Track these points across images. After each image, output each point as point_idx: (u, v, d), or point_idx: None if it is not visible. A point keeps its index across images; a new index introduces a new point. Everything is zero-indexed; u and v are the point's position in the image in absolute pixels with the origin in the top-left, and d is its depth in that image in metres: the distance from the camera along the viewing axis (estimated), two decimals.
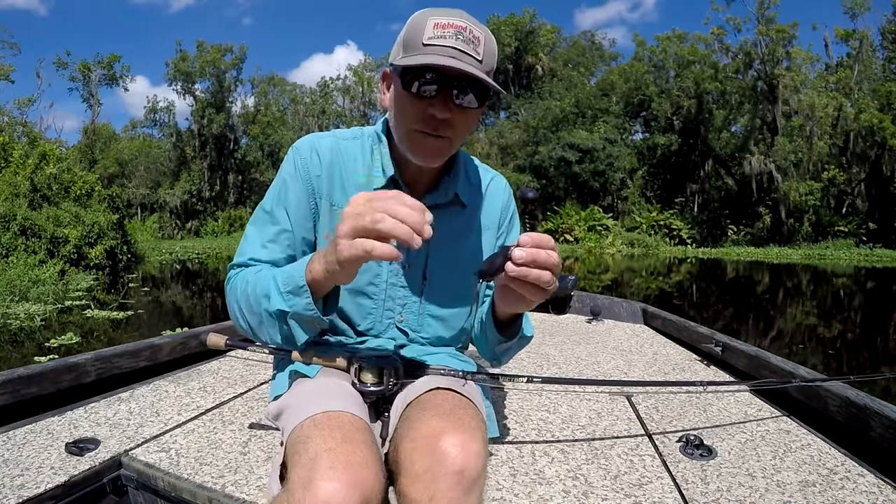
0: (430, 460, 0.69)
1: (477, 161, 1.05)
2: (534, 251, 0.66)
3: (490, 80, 0.78)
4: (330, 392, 0.81)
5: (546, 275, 0.67)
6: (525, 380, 0.98)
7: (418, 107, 0.80)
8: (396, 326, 0.96)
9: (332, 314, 0.79)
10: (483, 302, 0.99)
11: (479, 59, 0.78)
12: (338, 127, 8.25)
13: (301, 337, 0.79)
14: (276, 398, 0.91)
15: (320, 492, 0.62)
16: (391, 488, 0.76)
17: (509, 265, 0.66)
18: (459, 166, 0.97)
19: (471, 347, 1.18)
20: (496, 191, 1.03)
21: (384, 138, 0.92)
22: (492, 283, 0.92)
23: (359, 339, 0.96)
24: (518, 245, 0.67)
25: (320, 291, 0.75)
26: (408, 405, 0.83)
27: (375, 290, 0.93)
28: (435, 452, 0.70)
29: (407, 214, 0.62)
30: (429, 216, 0.63)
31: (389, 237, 0.63)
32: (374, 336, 0.96)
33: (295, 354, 0.85)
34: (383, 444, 0.83)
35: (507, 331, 0.89)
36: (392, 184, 0.90)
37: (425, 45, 0.77)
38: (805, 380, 1.37)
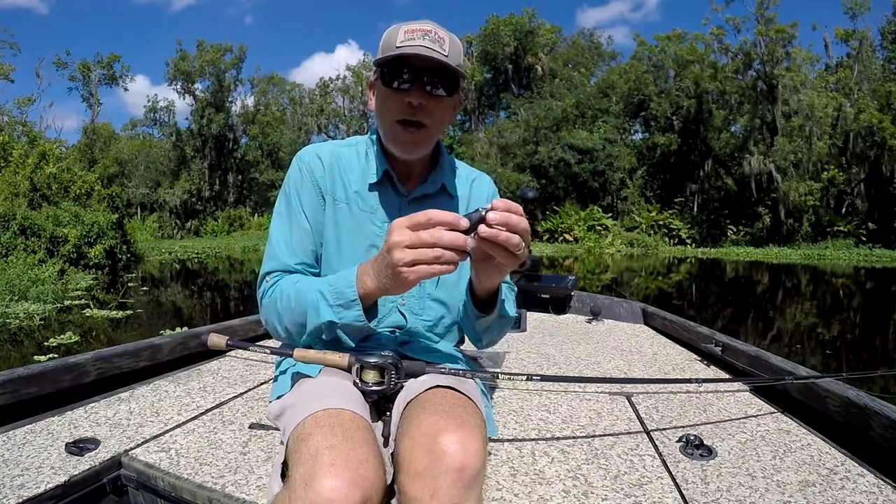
0: (430, 458, 0.70)
1: (464, 163, 1.14)
2: (506, 214, 0.71)
3: (455, 67, 0.89)
4: (331, 391, 0.83)
5: (515, 238, 0.71)
6: (524, 378, 0.98)
7: (397, 98, 0.91)
8: (399, 310, 1.00)
9: (375, 319, 0.87)
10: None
11: (446, 54, 0.89)
12: (337, 127, 8.38)
13: (349, 343, 0.87)
14: (277, 398, 0.92)
15: (322, 488, 0.63)
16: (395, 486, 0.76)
17: (482, 227, 0.70)
18: (445, 162, 1.06)
19: (470, 347, 1.19)
20: (481, 185, 1.12)
21: (376, 140, 1.02)
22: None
23: None
24: (492, 208, 0.71)
25: (367, 302, 0.83)
26: (408, 403, 0.84)
27: None
28: (435, 450, 0.71)
29: (453, 239, 0.69)
30: (463, 223, 0.70)
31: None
32: (377, 321, 0.98)
33: (297, 354, 0.85)
34: (386, 443, 0.84)
35: (486, 308, 0.94)
36: (385, 177, 1.00)
37: (398, 47, 0.88)
38: (799, 377, 1.38)
